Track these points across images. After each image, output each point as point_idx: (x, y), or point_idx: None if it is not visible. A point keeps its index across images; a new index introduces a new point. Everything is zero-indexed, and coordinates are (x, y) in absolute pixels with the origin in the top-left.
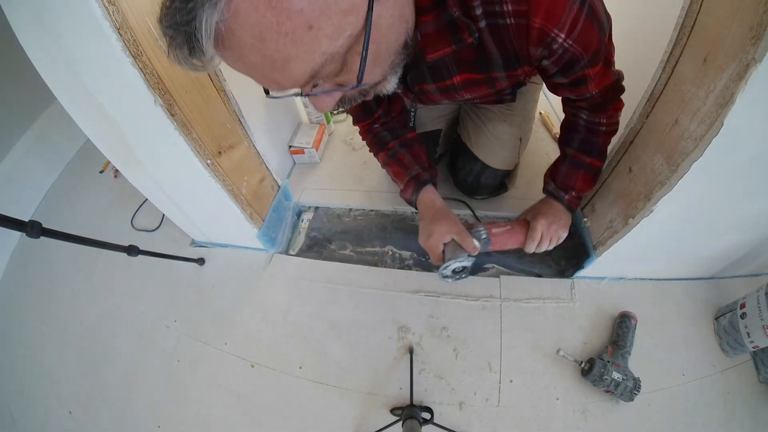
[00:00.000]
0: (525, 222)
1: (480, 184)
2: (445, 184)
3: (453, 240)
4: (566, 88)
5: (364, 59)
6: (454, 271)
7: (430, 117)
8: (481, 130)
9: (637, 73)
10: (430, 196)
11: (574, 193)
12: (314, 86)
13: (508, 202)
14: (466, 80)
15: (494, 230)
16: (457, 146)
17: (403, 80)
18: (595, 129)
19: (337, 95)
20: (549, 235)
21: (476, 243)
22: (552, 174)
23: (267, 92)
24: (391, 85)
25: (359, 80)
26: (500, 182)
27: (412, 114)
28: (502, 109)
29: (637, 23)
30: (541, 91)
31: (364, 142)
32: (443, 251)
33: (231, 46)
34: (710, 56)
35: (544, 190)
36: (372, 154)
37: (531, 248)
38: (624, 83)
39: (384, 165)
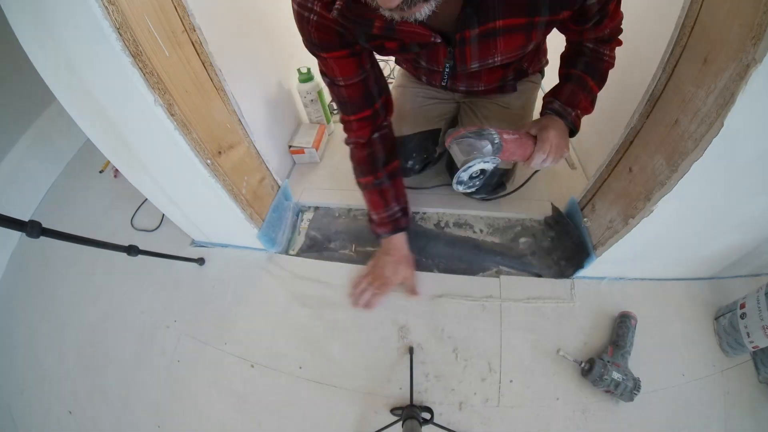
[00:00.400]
0: (531, 138)
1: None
2: (445, 181)
3: (463, 137)
4: (591, 30)
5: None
6: (471, 177)
7: (431, 115)
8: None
9: (637, 73)
10: (400, 241)
11: (579, 112)
12: None
13: (508, 202)
14: (507, 25)
15: (506, 136)
16: None
17: (443, 33)
18: (599, 57)
19: None
20: (557, 150)
21: (485, 146)
22: (555, 93)
23: None
24: (426, 9)
25: None
26: (499, 182)
27: (447, 71)
28: (500, 107)
29: (637, 23)
30: (541, 90)
31: (350, 144)
32: (448, 150)
33: None
34: (710, 56)
35: (548, 108)
36: (354, 163)
37: (537, 161)
38: (624, 82)
39: (364, 188)
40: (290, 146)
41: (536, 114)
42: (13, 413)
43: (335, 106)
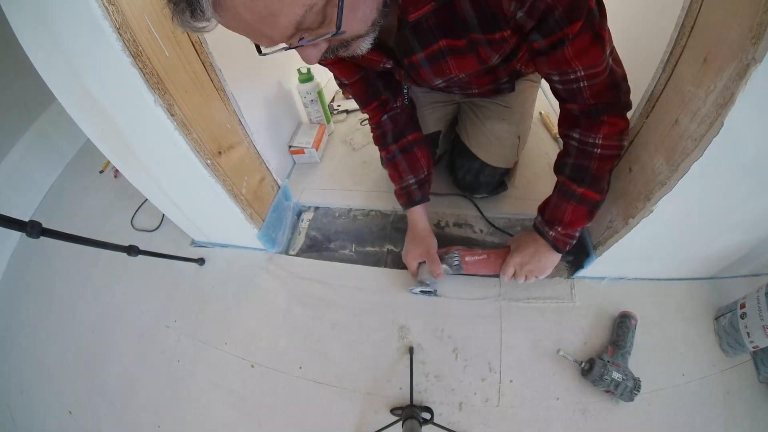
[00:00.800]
0: (505, 251)
1: (479, 182)
2: (447, 183)
3: (424, 264)
4: (546, 59)
5: (341, 9)
6: (423, 292)
7: (431, 119)
8: (480, 129)
9: (637, 73)
10: (416, 216)
11: (560, 229)
12: (300, 39)
13: (508, 201)
14: (450, 47)
15: (467, 258)
16: (456, 145)
17: (393, 56)
18: (588, 151)
19: (322, 46)
20: (522, 274)
21: (446, 268)
22: (543, 206)
23: (259, 50)
24: (365, 45)
25: (338, 27)
26: (499, 180)
27: (405, 91)
28: (500, 107)
29: (637, 23)
30: (540, 90)
31: (372, 130)
32: (417, 268)
33: (227, 7)
34: (710, 56)
35: (534, 223)
36: (374, 142)
37: (505, 280)
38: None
39: (383, 164)
40: (290, 146)
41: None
42: (13, 413)
43: (334, 107)
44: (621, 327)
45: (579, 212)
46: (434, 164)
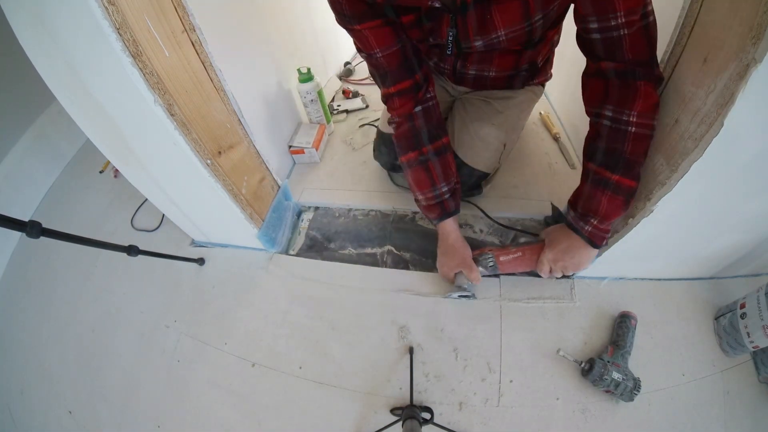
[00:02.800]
0: (539, 246)
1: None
2: None
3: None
4: (600, 50)
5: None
6: (461, 297)
7: None
8: (466, 129)
9: None
10: (449, 227)
11: (596, 222)
12: None
13: (508, 202)
14: None
15: (502, 258)
16: None
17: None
18: (623, 131)
19: None
20: (557, 271)
21: (482, 270)
22: (574, 198)
23: None
24: None
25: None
26: (476, 183)
27: (450, 41)
28: (493, 110)
29: None
30: (543, 92)
31: (393, 123)
32: (455, 276)
33: None
34: (710, 56)
35: (566, 218)
36: (395, 139)
37: (543, 276)
38: None
39: (408, 166)
40: (290, 146)
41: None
42: (13, 413)
43: (334, 107)
44: (621, 327)
45: (615, 202)
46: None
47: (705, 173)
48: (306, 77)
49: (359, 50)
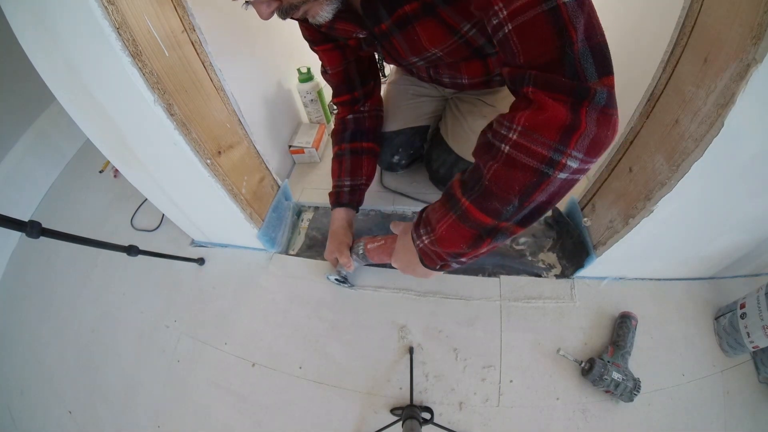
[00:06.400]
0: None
1: (452, 176)
2: (423, 180)
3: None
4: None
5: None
6: (337, 280)
7: (419, 113)
8: (460, 124)
9: (638, 73)
10: (337, 215)
11: (427, 240)
12: None
13: None
14: (413, 11)
15: (369, 246)
16: (435, 138)
17: (367, 26)
18: (495, 147)
19: (273, 4)
20: (403, 269)
21: (356, 258)
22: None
23: None
24: (324, 12)
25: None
26: None
27: (379, 63)
28: (485, 105)
29: (637, 23)
30: None
31: (333, 126)
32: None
33: None
34: (711, 56)
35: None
36: (331, 135)
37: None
38: (624, 82)
39: (332, 156)
40: (290, 146)
41: None
42: (13, 413)
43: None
44: (621, 327)
45: (458, 231)
46: (420, 159)
47: (705, 173)
48: (306, 77)
49: (321, 66)
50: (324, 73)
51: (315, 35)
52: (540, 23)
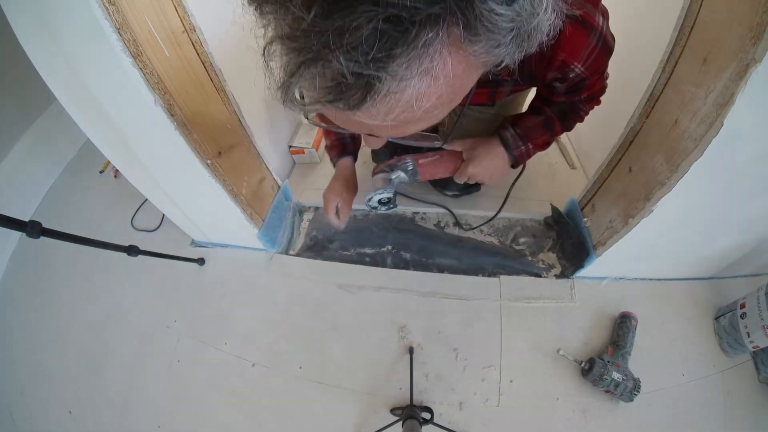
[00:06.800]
0: (458, 154)
1: (450, 178)
2: (423, 183)
3: (381, 172)
4: (561, 95)
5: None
6: (380, 202)
7: None
8: (460, 125)
9: (637, 73)
10: (347, 162)
11: (530, 146)
12: None
13: (508, 202)
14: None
15: (421, 161)
16: None
17: None
18: (576, 108)
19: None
20: (480, 178)
21: (402, 176)
22: (515, 120)
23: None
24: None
25: (445, 140)
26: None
27: None
28: (485, 108)
29: (637, 23)
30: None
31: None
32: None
33: (372, 113)
34: (710, 56)
35: (499, 132)
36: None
37: (459, 181)
38: (624, 82)
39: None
40: (290, 146)
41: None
42: (13, 413)
43: None
44: (621, 327)
45: (546, 140)
46: None
47: (705, 173)
48: None
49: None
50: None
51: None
52: (598, 90)
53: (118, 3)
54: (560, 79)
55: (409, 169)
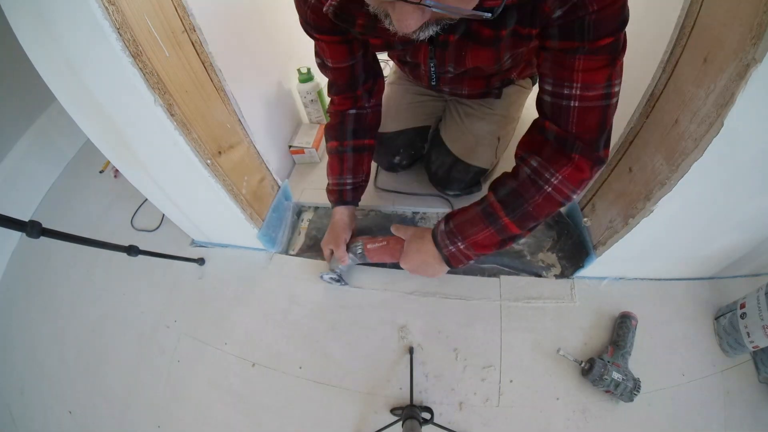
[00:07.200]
0: (403, 241)
1: (450, 177)
2: (423, 179)
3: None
4: (551, 60)
5: None
6: (331, 279)
7: (420, 113)
8: (459, 126)
9: (637, 73)
10: (339, 210)
11: (463, 246)
12: None
13: None
14: (477, 33)
15: (369, 246)
16: (434, 139)
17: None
18: (538, 185)
19: (428, 15)
20: (414, 271)
21: (352, 257)
22: (453, 213)
23: None
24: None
25: (494, 14)
26: (474, 180)
27: (432, 69)
28: (483, 107)
29: (637, 23)
30: (534, 83)
31: (330, 114)
32: (330, 257)
33: None
34: (710, 56)
35: (435, 228)
36: (325, 129)
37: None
38: (623, 82)
39: (329, 153)
40: (290, 146)
41: (525, 117)
42: (13, 413)
43: None
44: (621, 327)
45: (492, 240)
46: (421, 160)
47: (705, 173)
48: (306, 77)
49: (316, 53)
50: (322, 65)
51: (324, 23)
52: (597, 113)
53: (117, 3)
54: (559, 26)
55: (359, 252)
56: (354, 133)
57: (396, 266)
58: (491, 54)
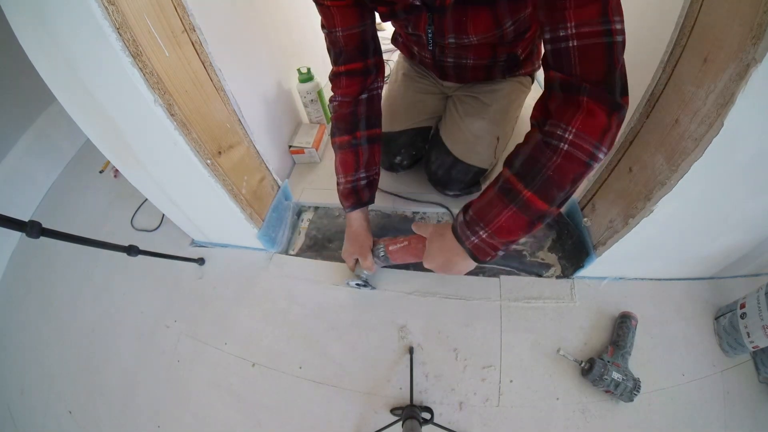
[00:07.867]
0: (425, 240)
1: (450, 177)
2: (423, 179)
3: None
4: (544, 8)
5: None
6: (357, 284)
7: (421, 113)
8: (458, 125)
9: (637, 73)
10: (355, 215)
11: (484, 235)
12: None
13: None
14: None
15: (391, 247)
16: (434, 140)
17: None
18: (552, 144)
19: None
20: (438, 269)
21: (376, 260)
22: (471, 201)
23: None
24: None
25: None
26: (473, 180)
27: (430, 37)
28: (482, 104)
29: (637, 23)
30: (533, 83)
31: (334, 102)
32: (355, 264)
33: None
34: (710, 56)
35: (454, 220)
36: (334, 120)
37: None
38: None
39: (339, 148)
40: (290, 146)
41: (525, 117)
42: (13, 413)
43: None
44: (621, 327)
45: (517, 221)
46: (422, 160)
47: (705, 173)
48: (306, 77)
49: (322, 26)
50: (330, 34)
51: None
52: (599, 50)
53: (117, 3)
54: None
55: (381, 255)
56: (367, 122)
57: (418, 266)
58: (490, 15)
